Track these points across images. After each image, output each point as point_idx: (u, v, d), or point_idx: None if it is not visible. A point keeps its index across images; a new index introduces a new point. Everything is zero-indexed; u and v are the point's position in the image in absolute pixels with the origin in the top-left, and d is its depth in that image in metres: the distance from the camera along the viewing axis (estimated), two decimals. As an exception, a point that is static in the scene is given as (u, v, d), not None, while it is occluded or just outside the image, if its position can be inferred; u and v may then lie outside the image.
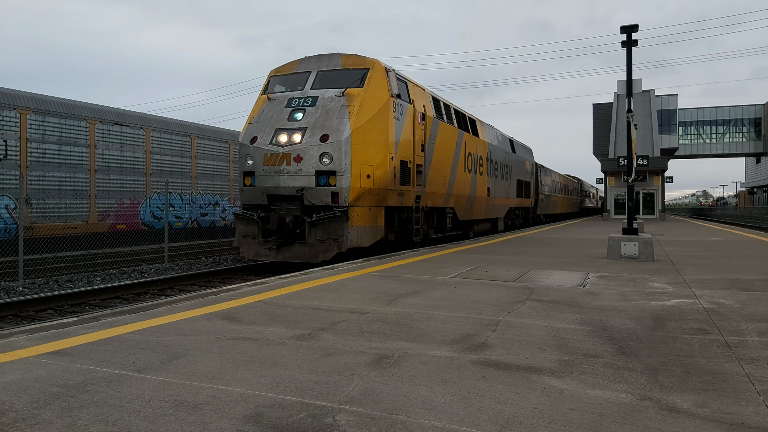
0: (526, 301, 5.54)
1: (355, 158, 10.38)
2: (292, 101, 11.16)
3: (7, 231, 13.66)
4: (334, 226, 10.27)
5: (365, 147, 10.62)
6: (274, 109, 11.26)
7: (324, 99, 10.88)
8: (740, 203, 79.27)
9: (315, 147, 10.36)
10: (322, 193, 10.40)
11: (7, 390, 2.87)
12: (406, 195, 12.20)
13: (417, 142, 12.72)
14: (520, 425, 2.46)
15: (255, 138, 10.98)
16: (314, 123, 10.57)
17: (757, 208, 57.65)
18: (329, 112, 10.64)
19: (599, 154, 50.30)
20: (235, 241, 11.36)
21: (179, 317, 4.73)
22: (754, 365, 3.38)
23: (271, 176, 10.70)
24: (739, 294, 6.03)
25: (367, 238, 10.86)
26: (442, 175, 14.47)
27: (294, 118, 10.82)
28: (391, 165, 11.37)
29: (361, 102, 10.67)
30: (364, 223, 10.74)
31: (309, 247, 10.38)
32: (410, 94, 12.72)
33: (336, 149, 10.29)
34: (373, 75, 11.19)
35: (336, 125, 10.41)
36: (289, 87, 11.67)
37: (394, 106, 11.54)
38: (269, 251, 10.62)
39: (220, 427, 2.42)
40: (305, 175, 10.42)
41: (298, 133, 10.57)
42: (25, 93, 14.87)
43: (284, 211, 10.67)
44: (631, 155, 11.29)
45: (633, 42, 11.26)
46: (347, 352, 3.62)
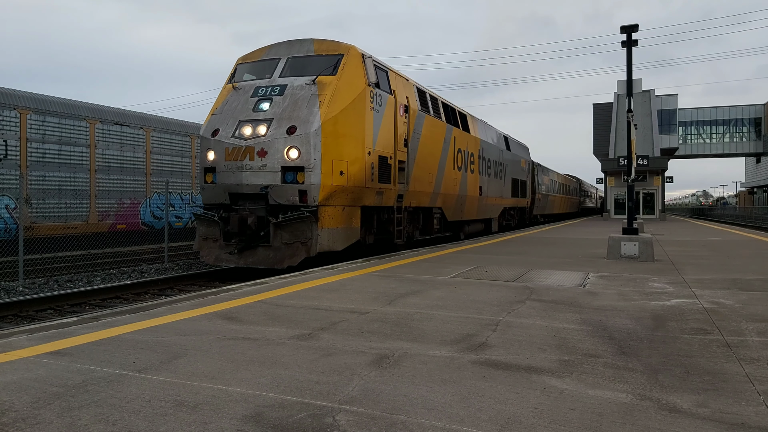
0: (526, 301, 5.54)
1: (326, 153, 9.44)
2: (258, 90, 10.20)
3: (7, 231, 13.66)
4: (302, 227, 9.38)
5: (338, 140, 9.70)
6: (239, 99, 10.30)
7: (293, 87, 9.93)
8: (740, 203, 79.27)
9: (281, 140, 9.40)
10: (289, 191, 9.46)
11: (7, 390, 2.87)
12: (386, 194, 11.36)
13: (399, 137, 11.85)
14: (520, 425, 2.46)
15: (217, 131, 10.04)
16: (281, 114, 9.64)
17: (757, 208, 57.65)
18: (298, 101, 9.70)
19: (599, 154, 50.29)
20: (195, 244, 10.45)
21: (179, 317, 4.73)
22: (754, 365, 3.38)
23: (232, 172, 9.75)
24: (739, 294, 6.03)
25: (340, 241, 10.00)
26: (428, 172, 13.65)
27: (259, 109, 9.88)
28: (368, 161, 10.49)
29: (333, 91, 9.72)
30: (336, 224, 9.84)
31: (274, 251, 9.47)
32: (391, 84, 11.79)
33: (304, 142, 9.32)
34: (347, 62, 10.23)
35: (305, 116, 9.47)
36: (257, 75, 10.70)
37: (371, 96, 10.62)
38: (230, 256, 9.73)
39: (220, 427, 2.42)
40: (270, 171, 9.46)
41: (263, 124, 9.62)
42: (25, 93, 14.88)
43: (247, 211, 9.75)
44: (631, 155, 11.29)
45: (633, 42, 11.27)
46: (347, 352, 3.62)
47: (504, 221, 22.53)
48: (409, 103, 12.44)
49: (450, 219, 15.56)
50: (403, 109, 12.08)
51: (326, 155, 9.46)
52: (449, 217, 15.47)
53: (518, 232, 19.77)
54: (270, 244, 9.46)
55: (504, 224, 22.51)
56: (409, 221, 12.96)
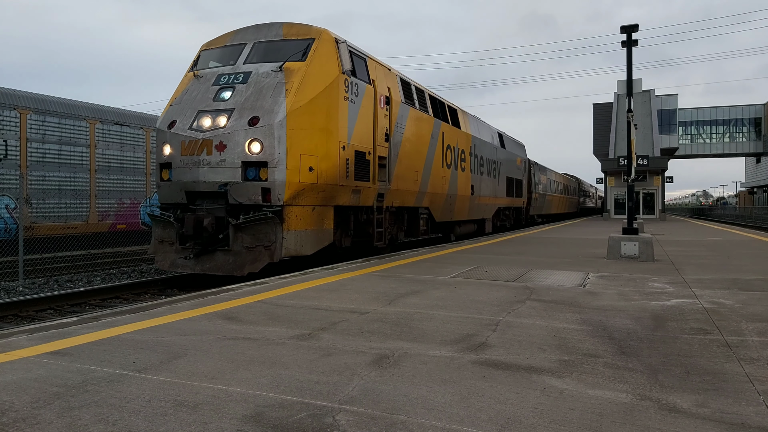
0: (526, 301, 5.54)
1: (292, 146, 8.59)
2: (220, 78, 9.36)
3: (7, 231, 13.67)
4: (264, 230, 8.49)
5: (306, 133, 8.84)
6: (199, 88, 9.44)
7: (258, 75, 9.09)
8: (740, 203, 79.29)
9: (242, 132, 8.54)
10: (251, 189, 8.59)
11: (7, 390, 2.87)
12: (364, 192, 10.49)
13: (379, 131, 10.96)
14: (520, 425, 2.46)
15: (173, 122, 9.17)
16: (243, 103, 8.78)
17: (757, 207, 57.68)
18: (262, 90, 8.85)
19: (599, 154, 50.31)
20: (151, 247, 9.60)
21: (179, 317, 4.73)
22: (754, 365, 3.38)
23: (189, 168, 8.87)
24: (739, 294, 6.03)
25: (310, 244, 9.10)
26: (413, 170, 12.75)
27: (220, 98, 9.03)
28: (342, 156, 9.63)
29: (302, 78, 8.88)
30: (305, 226, 8.97)
31: (234, 256, 8.61)
32: (370, 72, 10.88)
33: (267, 135, 8.47)
34: (318, 47, 9.37)
35: (269, 105, 8.63)
36: (222, 62, 9.88)
37: (346, 84, 9.74)
38: (186, 261, 8.88)
39: (220, 427, 2.42)
40: (229, 167, 8.60)
41: (223, 115, 8.75)
42: (25, 93, 14.88)
43: (204, 211, 8.92)
44: (631, 155, 11.30)
45: (633, 42, 11.28)
46: (347, 352, 3.62)
47: (499, 222, 21.85)
48: (391, 95, 11.57)
49: (439, 220, 14.82)
50: (384, 100, 11.23)
51: (293, 149, 8.62)
52: (438, 218, 14.70)
53: (518, 232, 19.76)
54: (229, 248, 8.63)
55: (499, 225, 21.86)
56: (392, 222, 12.24)
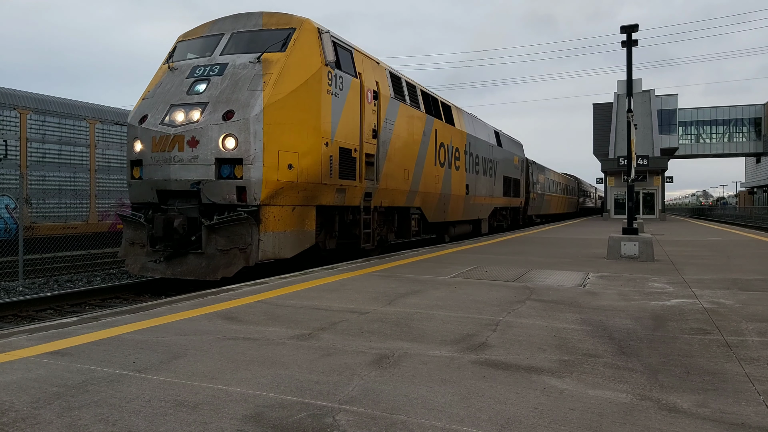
0: (526, 301, 5.54)
1: (269, 142, 8.10)
2: (196, 70, 8.88)
3: (7, 231, 13.67)
4: (239, 231, 8.00)
5: (285, 128, 8.34)
6: (173, 80, 8.98)
7: (234, 66, 8.63)
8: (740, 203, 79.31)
9: (215, 127, 8.06)
10: (225, 187, 8.09)
11: (7, 390, 2.87)
12: (349, 191, 10.02)
13: (366, 126, 10.51)
14: (520, 425, 2.46)
15: (145, 117, 8.72)
16: (218, 96, 8.31)
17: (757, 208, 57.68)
18: (238, 82, 8.39)
19: (599, 154, 50.32)
20: (121, 250, 9.12)
21: (179, 317, 4.73)
22: (754, 365, 3.38)
23: (160, 166, 8.38)
24: (739, 294, 6.03)
25: (289, 246, 8.60)
26: (404, 168, 12.23)
27: (194, 91, 8.55)
28: (325, 153, 9.16)
29: (281, 70, 8.40)
30: (284, 227, 8.44)
31: (207, 260, 8.12)
32: (356, 65, 10.40)
33: (243, 130, 8.00)
34: (299, 37, 8.88)
35: (245, 99, 8.16)
36: (198, 53, 9.39)
37: (329, 77, 9.26)
38: (156, 264, 8.42)
39: (220, 427, 2.42)
40: (202, 164, 8.10)
41: (196, 109, 8.27)
42: (25, 93, 14.89)
43: (176, 211, 8.42)
44: (631, 155, 11.30)
45: (633, 42, 11.28)
46: (347, 352, 3.62)
47: (495, 222, 21.36)
48: (379, 89, 11.08)
49: (431, 220, 14.29)
50: (371, 94, 10.75)
51: (270, 145, 8.12)
52: (430, 218, 14.16)
53: (517, 232, 19.75)
54: (202, 251, 8.16)
55: (495, 226, 21.37)
56: (381, 223, 11.75)
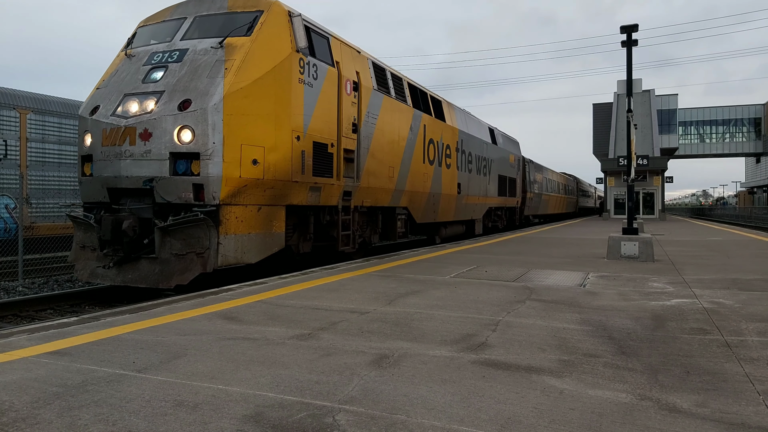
0: (526, 301, 5.54)
1: (231, 134, 7.40)
2: (153, 56, 8.17)
3: (7, 231, 13.66)
4: (196, 234, 7.28)
5: (249, 119, 7.63)
6: (129, 68, 8.26)
7: (195, 52, 7.91)
8: (740, 203, 79.34)
9: (170, 118, 7.34)
10: (181, 185, 7.35)
11: (7, 390, 2.87)
12: (325, 190, 9.27)
13: (345, 120, 9.76)
14: (520, 425, 2.46)
15: (97, 108, 8.00)
16: (175, 85, 7.60)
17: (757, 208, 57.70)
18: (198, 69, 7.67)
19: (599, 154, 50.34)
20: (71, 254, 8.38)
21: (179, 317, 4.73)
22: (754, 365, 3.38)
23: (110, 161, 7.63)
24: (739, 294, 6.03)
25: (255, 250, 7.87)
26: (388, 165, 11.47)
27: (150, 79, 7.85)
28: (296, 147, 8.39)
29: (245, 56, 7.70)
30: (248, 229, 7.73)
31: (161, 265, 7.38)
32: (333, 53, 9.69)
33: (200, 121, 7.28)
34: (267, 20, 8.16)
35: (204, 87, 7.45)
36: (159, 39, 8.64)
37: (301, 65, 8.53)
38: (106, 270, 7.65)
39: (220, 426, 2.42)
40: (155, 159, 7.39)
41: (151, 99, 7.58)
42: (25, 93, 14.89)
43: (127, 211, 7.69)
44: (631, 155, 11.30)
45: (633, 42, 11.28)
46: (347, 352, 3.62)
47: (490, 223, 20.62)
48: (360, 80, 10.36)
49: (420, 221, 13.57)
50: (350, 85, 10.06)
51: (231, 138, 7.42)
52: (418, 219, 13.43)
53: (517, 232, 19.74)
54: (156, 256, 7.43)
55: (490, 226, 20.63)
56: (364, 224, 11.14)
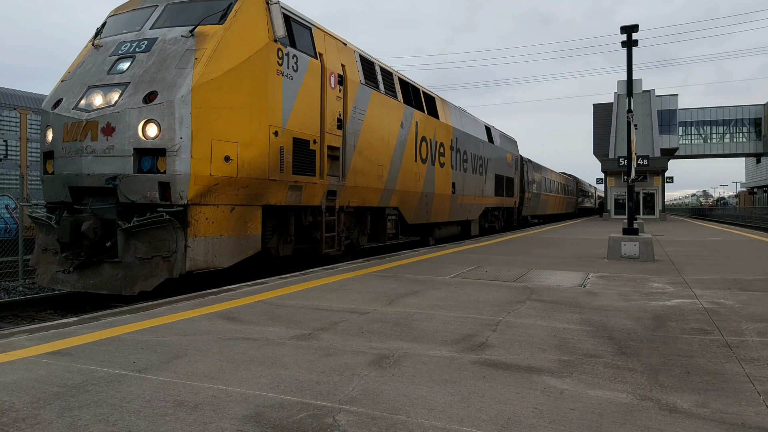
0: (527, 301, 5.54)
1: (200, 129, 6.88)
2: (121, 46, 7.66)
3: (7, 231, 13.66)
4: (162, 236, 6.76)
5: (220, 113, 7.14)
6: (96, 59, 7.75)
7: (164, 41, 7.40)
8: (740, 203, 79.33)
9: (134, 111, 6.83)
10: (146, 183, 6.85)
11: (7, 390, 2.87)
12: (307, 189, 8.79)
13: (329, 115, 9.30)
14: (521, 425, 2.46)
15: (60, 101, 7.54)
16: (141, 76, 7.10)
17: (757, 208, 57.69)
18: (166, 59, 7.17)
19: (599, 154, 50.35)
20: (33, 257, 7.90)
21: (179, 317, 4.73)
22: (755, 365, 3.38)
23: (71, 158, 7.15)
24: (739, 294, 6.03)
25: (227, 254, 7.38)
26: (377, 163, 11.03)
27: (116, 70, 7.35)
28: (274, 143, 7.92)
29: (217, 45, 7.22)
30: (220, 231, 7.25)
31: (124, 270, 6.87)
32: (316, 44, 9.19)
33: (166, 114, 6.77)
34: (242, 7, 7.72)
35: (172, 78, 6.95)
36: (128, 28, 8.12)
37: (280, 56, 8.07)
38: (66, 275, 7.17)
39: (220, 427, 2.42)
40: (119, 156, 6.88)
41: (116, 91, 7.08)
42: (25, 93, 14.89)
43: (90, 211, 7.15)
44: (631, 155, 11.30)
45: (633, 42, 11.28)
46: (347, 352, 3.62)
47: (487, 224, 20.16)
48: (345, 73, 9.91)
49: (412, 222, 13.09)
50: (335, 79, 9.56)
51: (201, 133, 6.91)
52: (410, 220, 12.93)
53: (517, 232, 19.74)
54: (119, 260, 6.93)
55: (487, 227, 20.17)
56: (351, 225, 10.74)
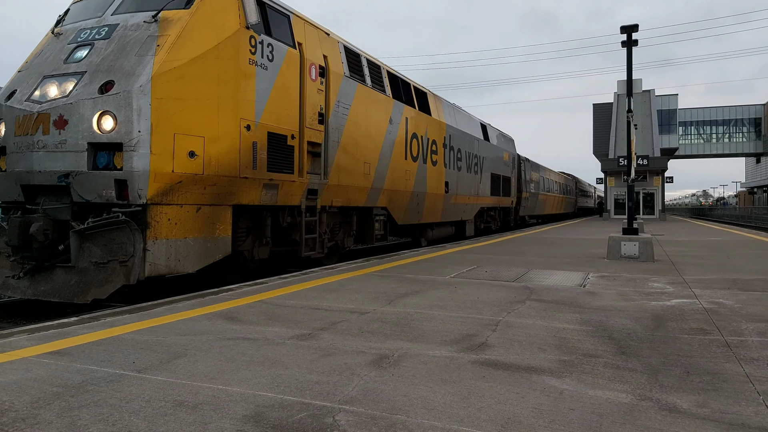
0: (526, 301, 5.54)
1: (161, 122, 6.29)
2: (81, 34, 7.10)
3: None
4: (119, 239, 6.15)
5: (185, 104, 6.56)
6: (54, 48, 7.22)
7: (125, 28, 6.84)
8: (740, 203, 79.37)
9: (89, 102, 6.25)
10: (101, 181, 6.25)
11: (7, 390, 2.87)
12: (284, 188, 8.24)
13: (309, 109, 8.76)
14: (520, 425, 2.46)
15: (14, 92, 7.00)
16: (99, 64, 6.53)
17: (757, 208, 57.72)
18: (126, 46, 6.61)
19: (599, 154, 50.35)
20: None
21: (179, 317, 4.73)
22: (754, 365, 3.38)
23: (23, 154, 6.61)
24: (739, 294, 6.04)
25: (193, 257, 6.81)
26: (363, 161, 10.50)
27: (73, 59, 6.81)
28: (245, 138, 7.39)
29: (182, 31, 6.65)
30: (183, 233, 6.68)
31: (78, 275, 6.27)
32: (295, 33, 8.59)
33: (123, 105, 6.17)
34: None
35: (130, 66, 6.38)
36: (90, 14, 7.55)
37: (253, 44, 7.53)
38: (17, 281, 6.62)
39: (220, 427, 2.42)
40: (72, 151, 6.31)
41: (71, 80, 6.55)
42: None
43: (41, 212, 6.58)
44: (631, 155, 11.30)
45: (633, 42, 11.29)
46: (347, 352, 3.63)
47: (482, 224, 19.65)
48: (328, 64, 9.34)
49: (401, 222, 12.58)
50: (316, 70, 9.01)
51: (162, 126, 6.32)
52: (400, 220, 12.41)
53: (517, 232, 19.74)
54: (73, 265, 6.31)
55: (483, 227, 19.67)
56: (336, 226, 10.32)
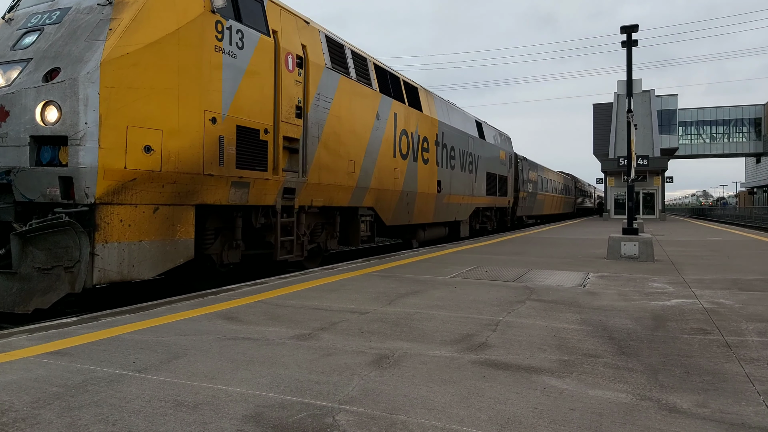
0: (526, 301, 5.54)
1: (111, 113, 5.71)
2: (31, 19, 6.69)
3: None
4: (64, 242, 5.51)
5: (139, 94, 5.99)
6: (3, 34, 6.87)
7: (77, 11, 6.33)
8: (740, 203, 79.38)
9: (32, 91, 5.75)
10: (45, 178, 5.69)
11: (7, 390, 2.87)
12: (257, 186, 7.67)
13: (286, 101, 8.19)
14: (520, 425, 2.46)
15: None
16: (46, 50, 6.05)
17: (757, 208, 57.71)
18: (77, 30, 6.09)
19: (599, 154, 50.38)
20: None
21: (179, 317, 4.73)
22: (754, 365, 3.38)
23: None
24: (739, 294, 6.04)
25: (149, 262, 6.21)
26: (347, 158, 9.92)
27: (20, 45, 6.37)
28: (211, 132, 6.81)
29: (137, 13, 6.13)
30: (139, 236, 6.06)
31: (19, 283, 5.57)
32: (269, 20, 8.01)
33: (69, 94, 5.61)
34: None
35: (78, 52, 5.84)
36: None
37: (219, 30, 6.99)
38: None
39: (220, 427, 2.42)
40: (13, 145, 5.81)
41: (16, 68, 6.11)
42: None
43: None
44: (631, 155, 11.31)
45: (633, 42, 11.29)
46: (347, 352, 3.63)
47: (478, 224, 19.11)
48: (307, 55, 8.75)
49: (390, 223, 12.01)
50: (293, 60, 8.44)
51: (112, 118, 5.74)
52: (388, 221, 11.84)
53: (517, 232, 19.74)
54: (14, 271, 5.60)
55: (478, 228, 19.14)
56: (318, 227, 9.80)
